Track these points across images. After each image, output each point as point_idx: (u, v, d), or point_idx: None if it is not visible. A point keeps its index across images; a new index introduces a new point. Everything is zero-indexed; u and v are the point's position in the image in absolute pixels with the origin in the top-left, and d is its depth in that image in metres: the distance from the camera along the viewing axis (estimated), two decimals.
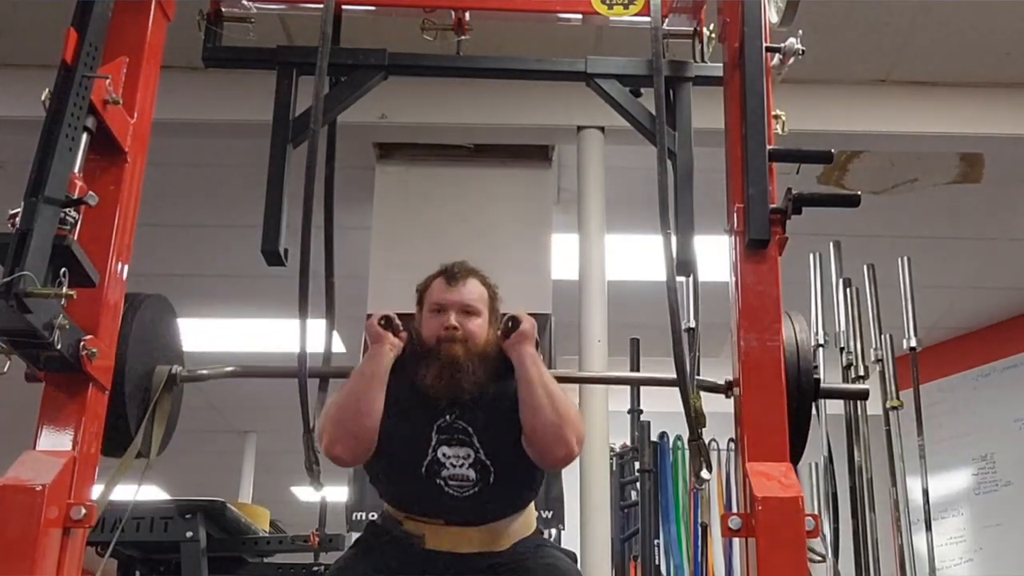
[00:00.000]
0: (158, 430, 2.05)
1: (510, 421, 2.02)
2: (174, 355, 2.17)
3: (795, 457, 1.93)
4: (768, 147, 1.95)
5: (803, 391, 1.94)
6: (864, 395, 2.32)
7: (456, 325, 2.06)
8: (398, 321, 2.09)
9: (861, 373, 3.24)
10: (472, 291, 2.11)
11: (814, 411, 2.04)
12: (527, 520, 2.13)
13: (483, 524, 2.05)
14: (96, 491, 1.80)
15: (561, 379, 2.19)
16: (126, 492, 2.13)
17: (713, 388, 2.08)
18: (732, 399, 1.98)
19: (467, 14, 2.49)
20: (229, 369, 2.21)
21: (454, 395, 2.03)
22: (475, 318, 2.09)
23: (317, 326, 2.11)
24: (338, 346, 4.21)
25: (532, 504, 2.16)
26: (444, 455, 2.02)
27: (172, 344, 2.19)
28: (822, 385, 2.02)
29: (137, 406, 2.00)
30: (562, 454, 2.03)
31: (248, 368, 2.35)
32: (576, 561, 2.23)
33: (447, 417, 2.04)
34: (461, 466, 2.02)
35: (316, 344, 2.12)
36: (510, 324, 2.06)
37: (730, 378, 2.00)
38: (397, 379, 2.05)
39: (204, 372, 2.17)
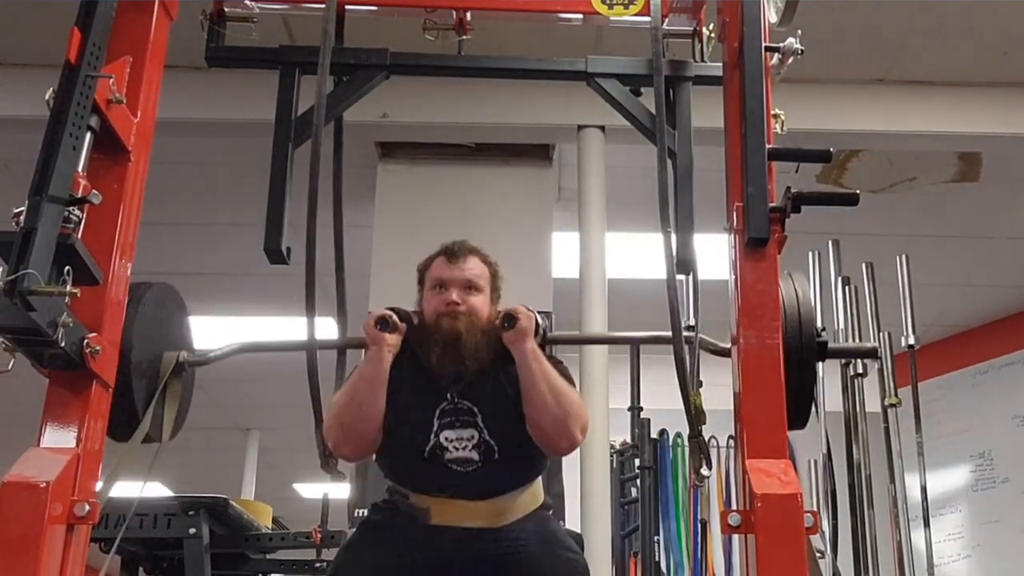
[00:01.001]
0: (168, 414, 2.08)
1: (515, 403, 2.03)
2: (182, 342, 2.20)
3: (800, 421, 1.93)
4: (767, 146, 1.95)
5: (805, 350, 1.94)
6: (873, 353, 2.26)
7: (458, 300, 2.06)
8: (395, 318, 2.09)
9: (860, 370, 3.25)
10: (473, 268, 2.12)
11: (815, 407, 2.02)
12: (533, 493, 2.12)
13: (488, 499, 2.04)
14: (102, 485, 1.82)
15: (561, 341, 2.20)
16: (132, 489, 2.15)
17: (717, 350, 2.09)
18: (731, 370, 1.97)
19: (468, 14, 2.51)
20: (237, 346, 2.23)
21: (458, 371, 2.04)
22: (477, 294, 2.10)
23: (320, 324, 2.12)
24: None
25: (539, 478, 2.15)
26: (447, 439, 2.03)
27: (180, 331, 2.22)
28: (829, 345, 2.01)
29: (145, 391, 2.03)
30: (566, 445, 2.05)
31: (256, 344, 2.36)
32: (581, 545, 2.22)
33: (450, 396, 2.05)
34: (464, 448, 2.02)
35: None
36: (506, 323, 2.05)
37: (728, 344, 2.01)
38: (400, 361, 2.06)
39: (211, 354, 2.20)
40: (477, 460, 2.02)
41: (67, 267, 1.65)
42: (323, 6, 2.13)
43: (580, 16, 2.59)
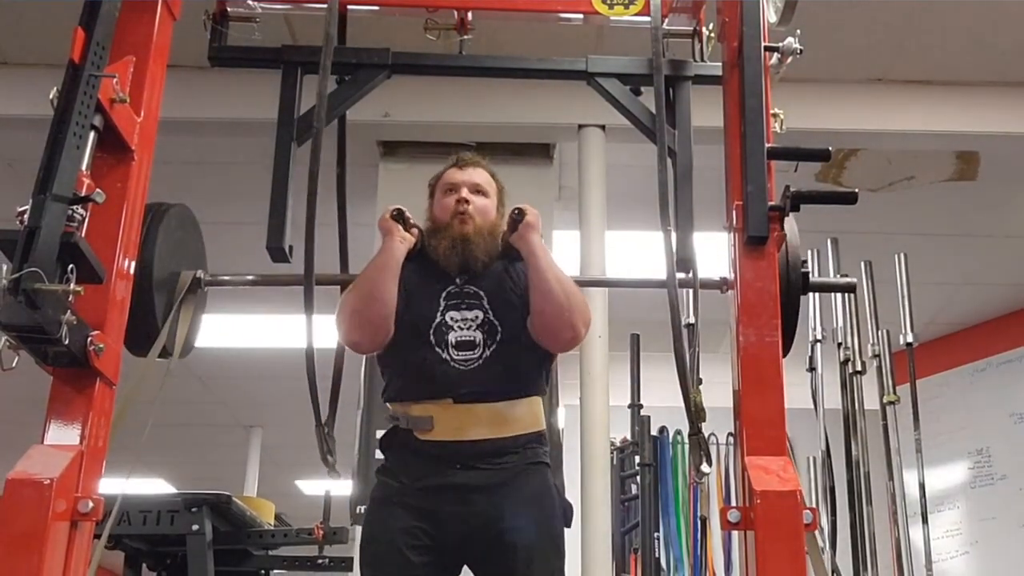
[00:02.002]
0: (182, 331, 2.14)
1: (520, 299, 2.11)
2: (198, 261, 2.28)
3: (785, 348, 1.99)
4: (767, 145, 1.95)
5: (791, 285, 2.04)
6: (852, 287, 2.42)
7: (468, 199, 2.15)
8: (409, 214, 2.18)
9: (859, 368, 3.26)
10: (482, 175, 2.23)
11: (814, 405, 2.06)
12: (533, 411, 2.13)
13: (489, 402, 2.07)
14: (104, 484, 1.81)
15: None
16: (134, 487, 2.16)
17: (711, 285, 2.17)
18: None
19: (470, 14, 2.52)
20: (251, 277, 2.38)
21: (465, 265, 2.12)
22: (484, 197, 2.19)
23: (321, 322, 2.13)
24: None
25: (540, 401, 2.17)
26: (452, 318, 2.09)
27: (196, 250, 2.30)
28: (811, 280, 2.13)
29: (163, 306, 2.10)
30: (569, 336, 2.11)
31: (269, 277, 2.41)
32: (569, 518, 2.21)
33: (458, 282, 2.13)
34: (468, 327, 2.08)
35: (323, 341, 2.14)
36: (516, 214, 2.14)
37: (725, 276, 2.09)
38: (409, 265, 2.13)
39: (226, 277, 2.31)
40: (480, 342, 2.07)
41: (71, 265, 1.65)
42: (325, 6, 2.14)
43: (581, 16, 2.60)
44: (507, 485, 2.04)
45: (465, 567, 2.11)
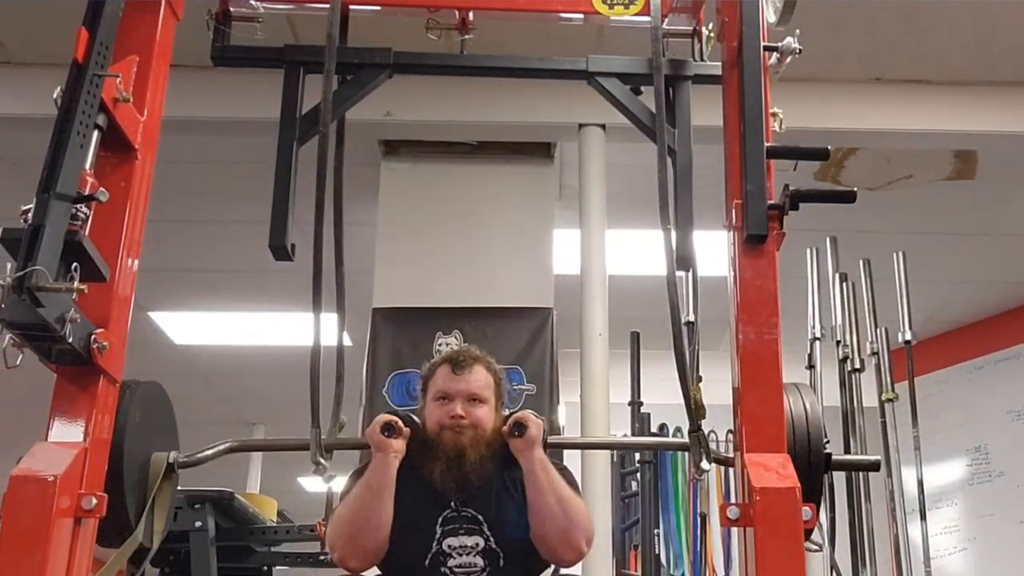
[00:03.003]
0: (159, 518, 2.02)
1: (520, 508, 2.02)
2: (170, 440, 2.13)
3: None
4: (766, 144, 1.95)
5: (814, 467, 1.95)
6: (876, 467, 2.27)
7: (462, 414, 2.05)
8: (400, 424, 2.06)
9: (857, 366, 3.27)
10: (478, 379, 2.10)
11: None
12: None
13: None
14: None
15: (561, 446, 2.25)
16: None
17: (721, 461, 2.12)
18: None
19: (471, 14, 2.52)
20: (226, 446, 2.18)
21: (461, 485, 2.03)
22: (482, 406, 2.08)
23: (324, 321, 2.13)
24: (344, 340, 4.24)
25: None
26: (449, 546, 2.01)
27: (168, 429, 2.15)
28: (833, 458, 2.01)
29: (136, 498, 1.97)
30: (572, 557, 2.04)
31: (244, 445, 2.30)
32: None
33: (453, 504, 2.03)
34: (468, 554, 2.00)
35: (324, 338, 2.14)
36: (516, 431, 2.03)
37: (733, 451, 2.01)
38: (403, 469, 2.03)
39: (200, 454, 2.12)
40: (481, 566, 2.01)
41: (75, 264, 1.66)
42: (327, 6, 2.14)
43: (581, 16, 2.60)
44: None
45: None
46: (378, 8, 2.66)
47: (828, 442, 2.01)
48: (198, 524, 3.23)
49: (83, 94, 1.72)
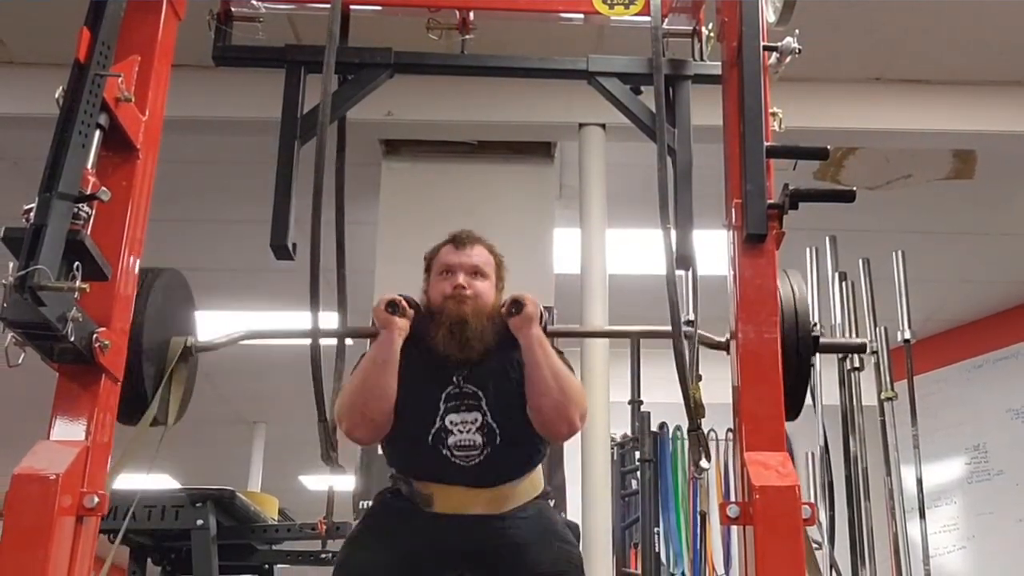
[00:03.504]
0: (175, 398, 2.11)
1: (518, 387, 2.08)
2: (188, 327, 2.23)
3: (794, 412, 1.99)
4: (765, 144, 1.96)
5: (802, 346, 2.00)
6: (862, 348, 2.38)
7: (464, 284, 2.11)
8: (404, 303, 2.13)
9: (857, 365, 3.27)
10: (480, 254, 2.19)
11: (813, 401, 2.06)
12: (533, 482, 2.16)
13: (490, 487, 2.09)
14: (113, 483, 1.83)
15: (562, 334, 2.27)
16: (137, 480, 2.16)
17: (714, 344, 2.14)
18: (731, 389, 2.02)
19: (471, 14, 2.53)
20: (242, 333, 2.25)
21: (464, 354, 2.08)
22: (483, 280, 2.15)
23: (323, 319, 2.14)
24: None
25: (539, 467, 2.19)
26: (451, 422, 2.07)
27: (186, 316, 2.25)
28: (821, 341, 2.08)
29: (153, 376, 2.07)
30: (565, 430, 2.11)
31: (260, 332, 2.38)
32: (578, 535, 2.25)
33: (456, 380, 2.09)
34: (468, 431, 2.06)
35: (324, 337, 2.16)
36: (513, 309, 2.10)
37: (728, 336, 2.04)
38: (406, 348, 2.09)
39: (217, 340, 2.22)
40: (480, 444, 2.06)
41: (76, 263, 1.66)
42: (328, 6, 2.16)
43: (581, 16, 2.61)
44: (509, 544, 2.07)
45: None
46: (379, 8, 2.67)
47: (816, 325, 2.07)
48: (199, 522, 3.24)
49: (85, 94, 1.73)
